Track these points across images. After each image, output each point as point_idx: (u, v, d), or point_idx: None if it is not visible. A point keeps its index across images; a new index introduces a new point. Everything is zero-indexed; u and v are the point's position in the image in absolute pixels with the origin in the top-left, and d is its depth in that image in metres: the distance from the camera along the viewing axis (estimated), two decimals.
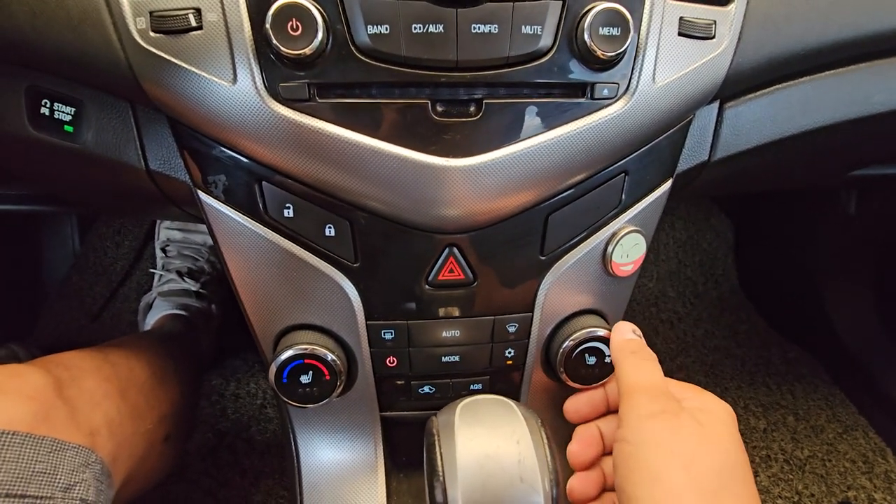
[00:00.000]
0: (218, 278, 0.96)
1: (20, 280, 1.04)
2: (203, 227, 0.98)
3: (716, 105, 0.43)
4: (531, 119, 0.36)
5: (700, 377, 1.01)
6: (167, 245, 0.97)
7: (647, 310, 1.13)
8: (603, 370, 0.44)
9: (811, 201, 1.01)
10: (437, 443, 0.29)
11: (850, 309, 1.01)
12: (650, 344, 0.38)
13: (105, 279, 1.08)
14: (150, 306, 0.90)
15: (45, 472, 0.37)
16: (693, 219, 1.23)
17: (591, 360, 0.44)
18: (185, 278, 0.92)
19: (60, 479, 0.38)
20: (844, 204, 0.94)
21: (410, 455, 0.51)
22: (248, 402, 0.93)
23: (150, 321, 0.87)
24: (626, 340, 0.39)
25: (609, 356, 0.44)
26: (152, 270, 0.97)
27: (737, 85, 0.41)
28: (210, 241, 0.98)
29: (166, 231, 0.99)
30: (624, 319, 0.42)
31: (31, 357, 0.89)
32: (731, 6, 0.38)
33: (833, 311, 1.01)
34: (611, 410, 0.42)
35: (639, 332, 0.40)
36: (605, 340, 0.43)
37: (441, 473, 0.28)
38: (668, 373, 0.36)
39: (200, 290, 0.92)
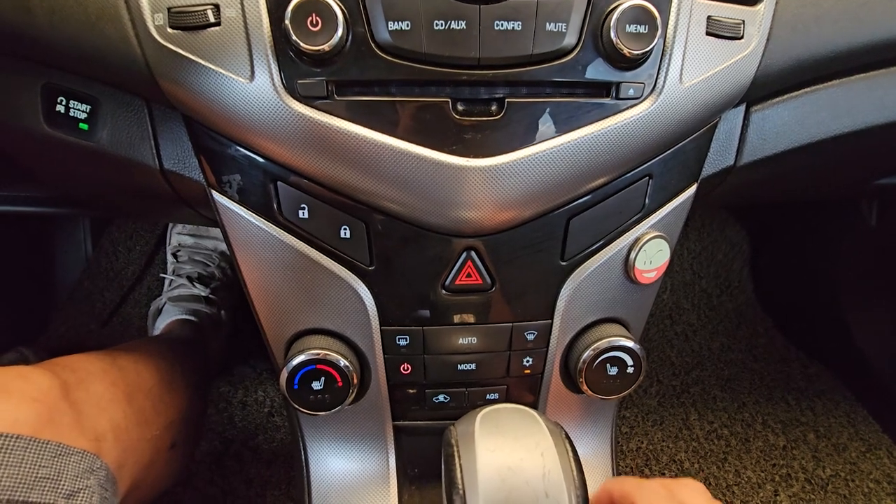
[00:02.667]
0: (228, 284, 0.96)
1: (32, 283, 1.04)
2: (214, 233, 0.98)
3: (742, 108, 0.42)
4: (554, 119, 0.35)
5: (717, 391, 0.98)
6: (178, 250, 0.97)
7: (661, 322, 1.10)
8: (625, 381, 0.43)
9: (830, 213, 0.99)
10: (456, 454, 0.28)
11: (872, 324, 0.98)
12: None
13: (116, 284, 1.07)
14: (159, 311, 0.89)
15: (48, 478, 0.36)
16: (708, 230, 1.21)
17: (613, 371, 0.42)
18: (196, 284, 0.91)
19: (64, 485, 0.37)
20: (865, 216, 0.92)
21: (423, 466, 0.50)
22: (255, 410, 0.92)
23: (160, 326, 0.86)
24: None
25: (631, 366, 0.42)
26: (163, 275, 0.96)
27: (765, 87, 0.39)
28: (221, 247, 0.98)
29: (178, 236, 0.99)
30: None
31: (41, 361, 0.89)
32: (760, 6, 0.37)
33: (853, 326, 0.98)
34: None
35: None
36: (628, 350, 0.42)
37: (461, 487, 0.26)
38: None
39: (210, 296, 0.91)
